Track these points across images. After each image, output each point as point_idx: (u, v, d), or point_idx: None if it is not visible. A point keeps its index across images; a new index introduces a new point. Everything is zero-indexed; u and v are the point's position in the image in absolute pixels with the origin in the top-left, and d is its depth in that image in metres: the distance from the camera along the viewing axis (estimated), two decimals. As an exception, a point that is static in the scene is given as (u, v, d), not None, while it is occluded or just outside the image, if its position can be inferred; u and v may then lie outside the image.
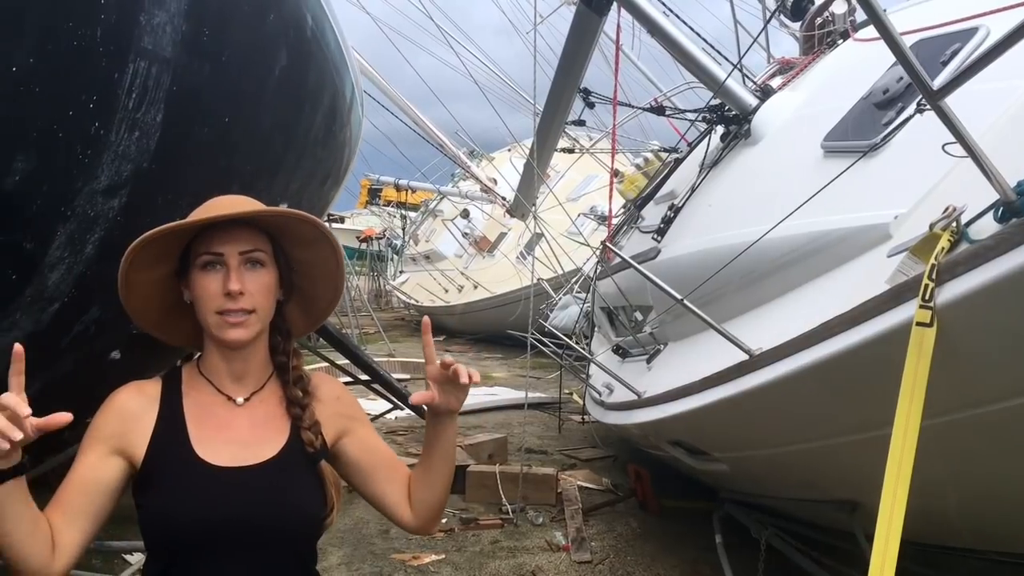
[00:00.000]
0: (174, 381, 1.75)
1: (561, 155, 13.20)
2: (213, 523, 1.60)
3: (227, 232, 1.66)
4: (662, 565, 5.40)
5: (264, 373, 1.78)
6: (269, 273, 1.71)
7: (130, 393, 1.72)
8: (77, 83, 2.68)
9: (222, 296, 1.64)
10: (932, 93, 1.83)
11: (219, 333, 1.66)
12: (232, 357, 1.72)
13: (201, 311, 1.67)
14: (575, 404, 10.50)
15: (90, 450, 1.66)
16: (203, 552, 1.61)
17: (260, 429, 1.72)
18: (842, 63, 5.24)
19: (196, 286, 1.67)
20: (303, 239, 1.76)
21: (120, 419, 1.67)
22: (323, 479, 1.75)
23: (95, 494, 1.64)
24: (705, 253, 4.40)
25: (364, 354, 7.14)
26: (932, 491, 3.06)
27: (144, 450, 1.65)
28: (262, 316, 1.69)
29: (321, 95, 5.07)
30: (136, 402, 1.69)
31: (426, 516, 1.82)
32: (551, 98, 7.42)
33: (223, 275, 1.65)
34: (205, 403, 1.72)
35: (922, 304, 2.19)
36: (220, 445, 1.67)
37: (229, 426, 1.70)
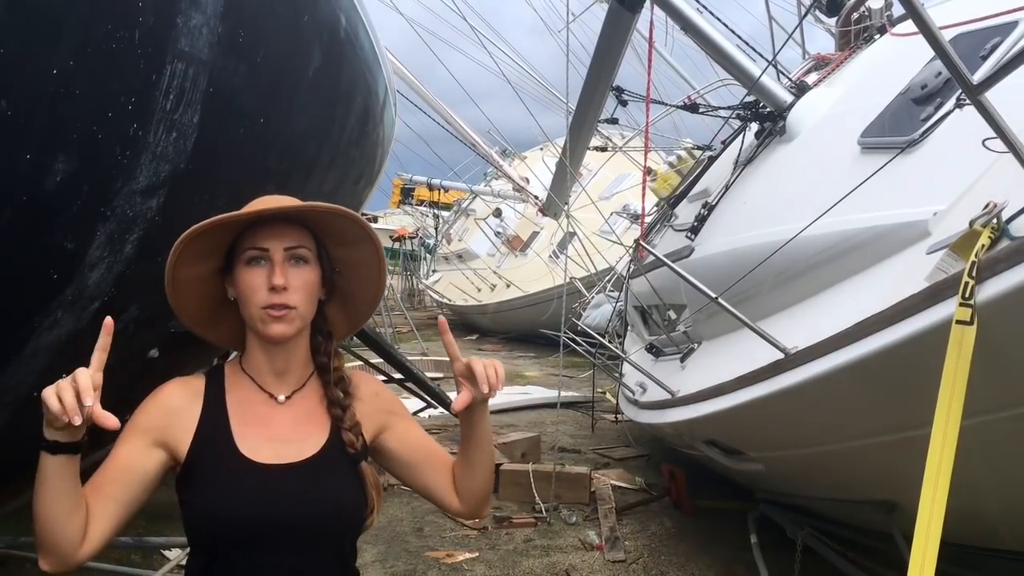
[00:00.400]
0: (217, 378, 1.77)
1: (593, 153, 13.16)
2: (255, 519, 1.61)
3: (273, 228, 1.68)
4: (696, 565, 5.36)
5: (305, 372, 1.79)
6: (313, 271, 1.71)
7: (175, 388, 1.73)
8: (116, 85, 2.72)
9: (266, 291, 1.65)
10: (972, 87, 1.80)
11: (262, 328, 1.67)
12: (274, 355, 1.73)
13: (245, 306, 1.68)
14: (608, 403, 10.47)
15: (131, 440, 1.67)
16: (245, 548, 1.62)
17: (301, 427, 1.73)
18: (879, 58, 5.17)
19: (241, 281, 1.68)
20: (347, 238, 1.76)
21: (164, 413, 1.69)
22: (363, 479, 1.74)
23: (131, 483, 1.65)
24: (739, 251, 4.37)
25: (398, 353, 7.18)
26: (972, 492, 3.02)
27: (187, 445, 1.67)
28: (304, 313, 1.70)
29: (354, 95, 5.10)
30: (181, 397, 1.71)
31: (474, 503, 1.85)
32: (584, 96, 7.40)
33: (267, 270, 1.66)
34: (247, 400, 1.73)
35: (962, 302, 2.16)
36: (262, 442, 1.68)
37: (271, 423, 1.71)
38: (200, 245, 1.69)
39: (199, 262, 1.72)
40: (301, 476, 1.67)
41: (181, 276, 1.71)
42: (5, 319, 2.96)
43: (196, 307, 1.79)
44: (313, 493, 1.66)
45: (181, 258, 1.69)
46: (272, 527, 1.62)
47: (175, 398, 1.71)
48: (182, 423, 1.68)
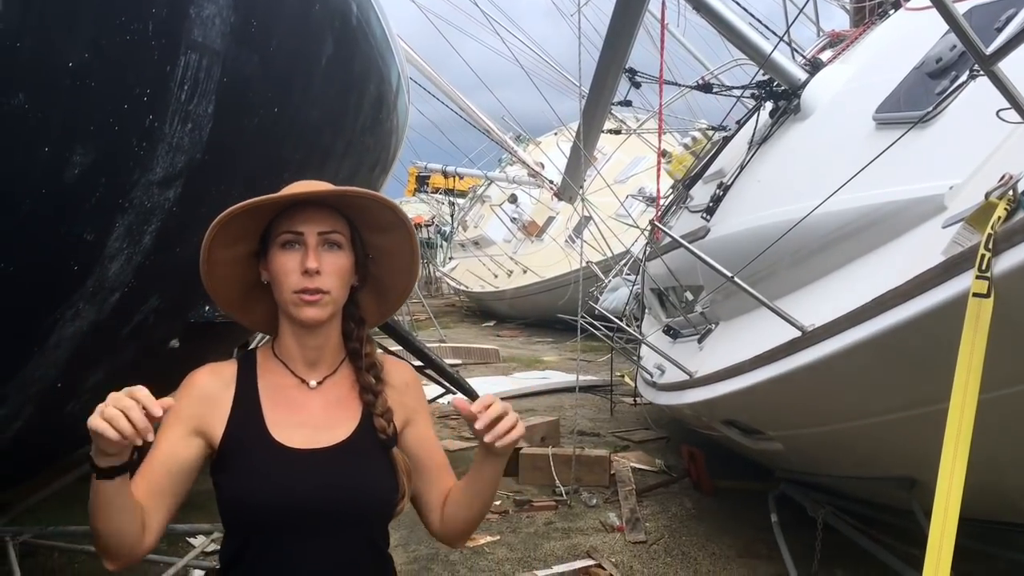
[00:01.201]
0: (249, 363, 1.77)
1: (608, 137, 13.12)
2: (288, 504, 1.62)
3: (307, 213, 1.68)
4: (717, 545, 5.38)
5: (337, 357, 1.79)
6: (346, 256, 1.72)
7: (207, 375, 1.74)
8: (131, 77, 2.74)
9: (299, 274, 1.65)
10: (985, 58, 1.79)
11: (295, 311, 1.67)
12: (306, 340, 1.74)
13: (278, 289, 1.69)
14: (627, 386, 10.48)
15: (171, 430, 1.67)
16: (278, 532, 1.63)
17: (333, 412, 1.73)
18: (894, 33, 5.13)
19: (274, 264, 1.68)
20: (381, 224, 1.77)
21: (199, 401, 1.70)
22: (395, 465, 1.74)
23: (178, 473, 1.67)
24: (755, 230, 4.36)
25: (416, 340, 7.21)
26: (992, 466, 3.01)
27: (222, 431, 1.68)
28: (336, 298, 1.70)
29: (367, 83, 5.11)
30: (213, 384, 1.72)
31: (455, 530, 1.83)
32: (597, 79, 7.38)
33: (301, 254, 1.66)
34: (279, 385, 1.74)
35: (978, 274, 2.15)
36: (294, 427, 1.69)
37: (303, 408, 1.72)
38: (235, 228, 1.69)
39: (234, 245, 1.72)
40: (332, 461, 1.68)
41: (215, 259, 1.71)
42: (28, 311, 3.00)
43: (230, 290, 1.79)
44: (344, 478, 1.67)
45: (216, 240, 1.69)
46: (304, 512, 1.63)
47: (208, 385, 1.72)
48: (216, 410, 1.69)
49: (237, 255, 1.74)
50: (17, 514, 4.73)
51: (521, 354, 15.32)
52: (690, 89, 7.27)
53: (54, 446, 4.38)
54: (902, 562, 4.25)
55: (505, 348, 15.66)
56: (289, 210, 1.69)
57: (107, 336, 3.49)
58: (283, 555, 1.64)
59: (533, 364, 13.95)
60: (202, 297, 4.02)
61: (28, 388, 3.28)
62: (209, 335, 4.24)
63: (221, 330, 4.22)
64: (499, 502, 6.25)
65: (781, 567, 4.74)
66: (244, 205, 1.65)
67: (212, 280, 1.75)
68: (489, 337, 18.50)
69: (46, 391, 3.38)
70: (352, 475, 1.68)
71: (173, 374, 2.07)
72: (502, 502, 6.26)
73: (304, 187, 1.71)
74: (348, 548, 1.69)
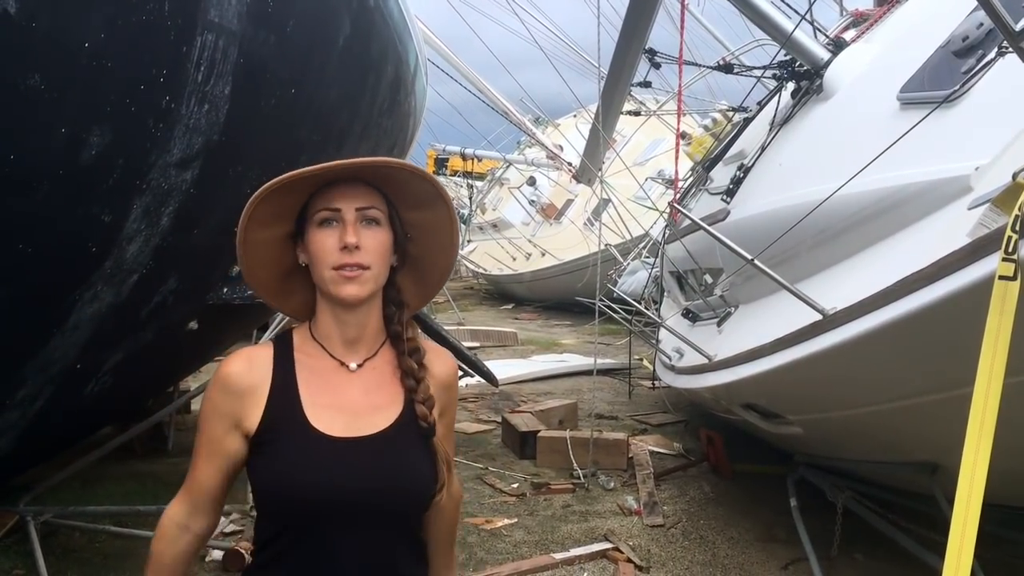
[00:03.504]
0: (285, 346, 1.72)
1: (627, 119, 13.03)
2: (325, 495, 1.59)
3: (345, 189, 1.65)
4: (736, 529, 5.36)
5: (377, 341, 1.75)
6: (385, 232, 1.67)
7: (241, 366, 1.68)
8: (147, 57, 2.73)
9: (338, 251, 1.61)
10: (1014, 34, 1.75)
11: (334, 289, 1.63)
12: (346, 321, 1.69)
13: (317, 267, 1.64)
14: (645, 369, 10.46)
15: (213, 427, 1.66)
16: (315, 522, 1.61)
17: (373, 397, 1.69)
18: (918, 12, 5.04)
19: (313, 242, 1.64)
20: (419, 199, 1.72)
21: (235, 395, 1.65)
22: (435, 454, 1.70)
23: (228, 470, 1.67)
24: (776, 212, 4.31)
25: (435, 322, 7.22)
26: (1017, 452, 2.97)
27: (259, 418, 1.64)
28: (376, 275, 1.66)
29: (385, 65, 5.08)
30: (248, 376, 1.67)
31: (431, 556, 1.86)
32: (616, 59, 7.31)
33: (340, 230, 1.62)
34: (318, 368, 1.69)
35: (1005, 257, 2.10)
36: (334, 413, 1.65)
37: (342, 393, 1.68)
38: (270, 207, 1.64)
39: (270, 226, 1.68)
40: (373, 450, 1.64)
41: (252, 239, 1.67)
42: (48, 292, 3.01)
43: (267, 274, 1.74)
44: (385, 468, 1.64)
45: (253, 219, 1.64)
46: (343, 502, 1.60)
47: (241, 376, 1.67)
48: (252, 400, 1.65)
49: (274, 236, 1.69)
50: (38, 494, 4.77)
51: (539, 337, 15.32)
52: (710, 70, 7.19)
53: (75, 426, 4.42)
54: (922, 547, 4.21)
55: (523, 331, 15.66)
56: (325, 188, 1.65)
57: (126, 317, 3.50)
58: (320, 545, 1.61)
59: (551, 347, 13.95)
60: (221, 279, 4.03)
61: (48, 369, 3.30)
62: (228, 317, 4.25)
63: (240, 312, 4.23)
64: (516, 485, 6.26)
65: (800, 551, 4.71)
66: (281, 180, 1.60)
67: (250, 262, 1.70)
68: (507, 320, 18.51)
69: (66, 372, 3.40)
70: (393, 467, 1.64)
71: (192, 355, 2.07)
72: (519, 485, 6.26)
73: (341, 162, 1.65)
74: (385, 538, 1.66)
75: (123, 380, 3.90)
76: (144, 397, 5.63)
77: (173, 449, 6.83)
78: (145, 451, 6.61)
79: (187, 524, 1.69)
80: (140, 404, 5.71)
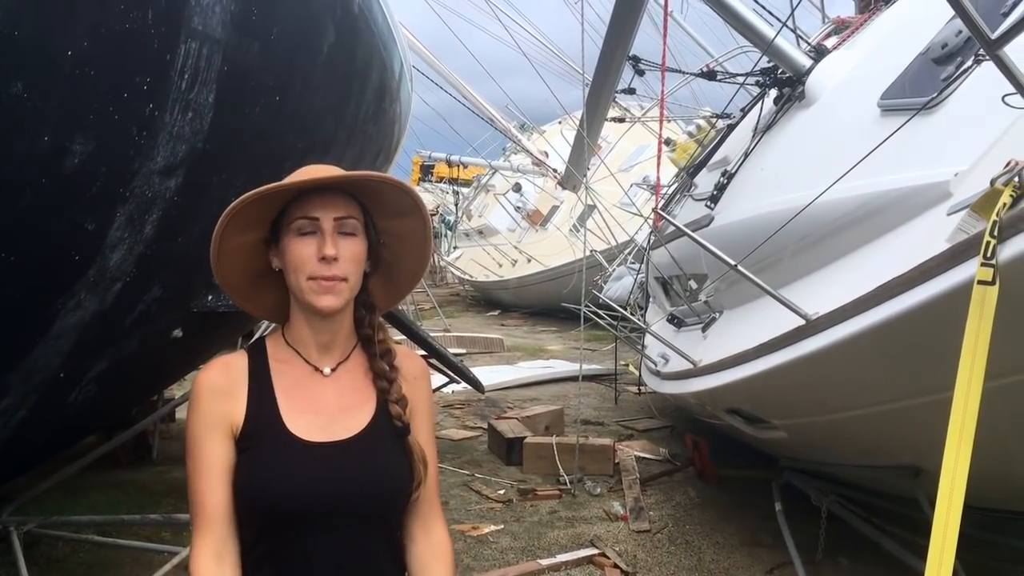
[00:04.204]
0: (260, 353, 1.73)
1: (612, 125, 13.08)
2: (306, 498, 1.61)
3: (323, 198, 1.65)
4: (721, 533, 5.38)
5: (349, 344, 1.76)
6: (361, 242, 1.69)
7: (218, 372, 1.69)
8: (130, 65, 2.72)
9: (316, 261, 1.62)
10: (991, 42, 1.77)
11: (311, 299, 1.64)
12: (320, 327, 1.70)
13: (293, 277, 1.65)
14: (631, 375, 10.48)
15: (209, 442, 1.63)
16: (293, 526, 1.62)
17: (347, 400, 1.71)
18: (899, 19, 5.09)
19: (289, 251, 1.65)
20: (396, 209, 1.74)
21: (219, 400, 1.65)
22: (411, 452, 1.72)
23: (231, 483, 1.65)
24: (759, 218, 4.34)
25: (420, 329, 7.20)
26: (999, 455, 2.99)
27: (241, 422, 1.64)
28: (352, 285, 1.67)
29: (370, 71, 5.08)
30: (227, 380, 1.67)
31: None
32: (600, 66, 7.35)
33: (318, 240, 1.63)
34: (293, 374, 1.70)
35: (984, 262, 2.13)
36: (311, 417, 1.66)
37: (318, 398, 1.69)
38: (247, 215, 1.65)
39: (244, 232, 1.68)
40: (350, 454, 1.66)
41: (226, 247, 1.67)
42: (30, 301, 2.99)
43: (239, 278, 1.75)
44: (363, 471, 1.65)
45: (228, 228, 1.65)
46: (323, 505, 1.61)
47: (220, 381, 1.67)
48: (235, 404, 1.65)
49: (247, 242, 1.70)
50: (21, 504, 4.73)
51: (525, 343, 15.33)
52: (694, 76, 7.23)
53: (58, 436, 4.39)
54: (906, 550, 4.24)
55: (509, 337, 15.67)
56: (303, 196, 1.65)
57: (110, 326, 3.49)
58: (299, 549, 1.62)
59: (537, 353, 13.96)
60: (205, 286, 4.01)
61: (31, 378, 3.28)
62: (213, 324, 4.23)
63: (225, 319, 4.21)
64: (503, 491, 6.26)
65: (785, 555, 4.74)
66: (260, 192, 1.61)
67: (222, 268, 1.70)
68: (493, 326, 18.51)
69: (49, 381, 3.38)
70: (370, 468, 1.66)
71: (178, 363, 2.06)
72: (506, 491, 6.26)
73: (319, 172, 1.66)
74: (365, 539, 1.67)
75: (107, 389, 3.88)
76: (129, 406, 5.60)
77: (158, 458, 6.81)
78: (129, 460, 6.58)
79: (220, 558, 1.61)
80: (125, 413, 5.68)
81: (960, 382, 2.12)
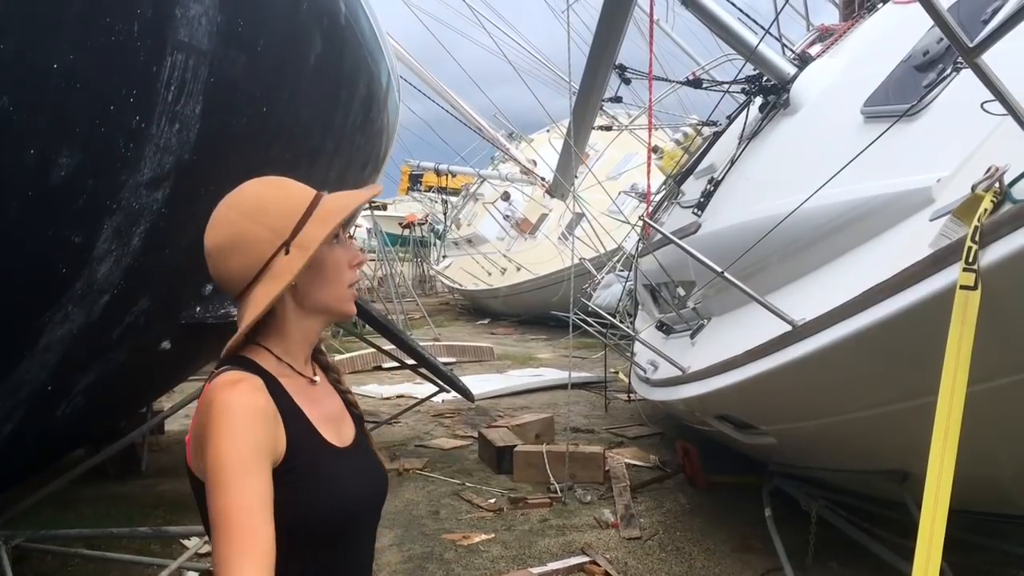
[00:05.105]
0: (264, 372, 1.62)
1: (600, 133, 13.11)
2: (357, 504, 1.62)
3: None
4: (712, 540, 5.39)
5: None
6: None
7: (260, 395, 1.55)
8: (116, 78, 2.73)
9: (350, 269, 1.63)
10: (968, 50, 1.79)
11: (345, 307, 1.64)
12: (316, 337, 1.69)
13: (331, 286, 1.62)
14: (621, 382, 10.49)
15: (260, 470, 1.47)
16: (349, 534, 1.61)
17: (336, 405, 1.73)
18: (882, 27, 5.14)
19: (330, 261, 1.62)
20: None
21: (268, 424, 1.53)
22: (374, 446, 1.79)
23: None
24: (745, 225, 4.36)
25: (409, 339, 7.19)
26: (985, 459, 3.02)
27: (285, 446, 1.55)
28: None
29: (357, 82, 5.10)
30: (268, 403, 1.55)
31: None
32: (587, 75, 7.37)
33: (345, 248, 1.63)
34: (297, 387, 1.65)
35: (965, 267, 2.16)
36: (329, 426, 1.65)
37: (321, 406, 1.68)
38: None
39: None
40: (364, 456, 1.69)
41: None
42: (17, 314, 2.98)
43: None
44: (377, 469, 1.70)
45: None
46: (365, 508, 1.64)
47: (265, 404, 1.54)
48: (278, 427, 1.55)
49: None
50: (10, 518, 4.71)
51: (515, 351, 15.32)
52: (680, 85, 7.26)
53: (47, 449, 4.37)
54: (896, 555, 4.26)
55: (499, 346, 15.66)
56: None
57: (98, 338, 3.48)
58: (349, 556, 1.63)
59: (527, 361, 13.96)
60: (194, 298, 4.01)
61: (18, 391, 3.27)
62: (201, 336, 4.22)
63: (213, 331, 4.21)
64: (493, 500, 6.26)
65: (775, 561, 4.75)
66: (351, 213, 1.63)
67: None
68: (483, 335, 18.50)
69: (37, 394, 3.37)
70: (379, 467, 1.71)
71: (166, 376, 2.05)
72: (496, 500, 6.26)
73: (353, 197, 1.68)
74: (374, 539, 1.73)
75: (96, 402, 3.87)
76: (118, 418, 5.58)
77: (147, 470, 6.78)
78: (119, 473, 6.55)
79: None
80: (114, 425, 5.65)
81: (944, 386, 2.14)
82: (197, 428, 1.52)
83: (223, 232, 1.57)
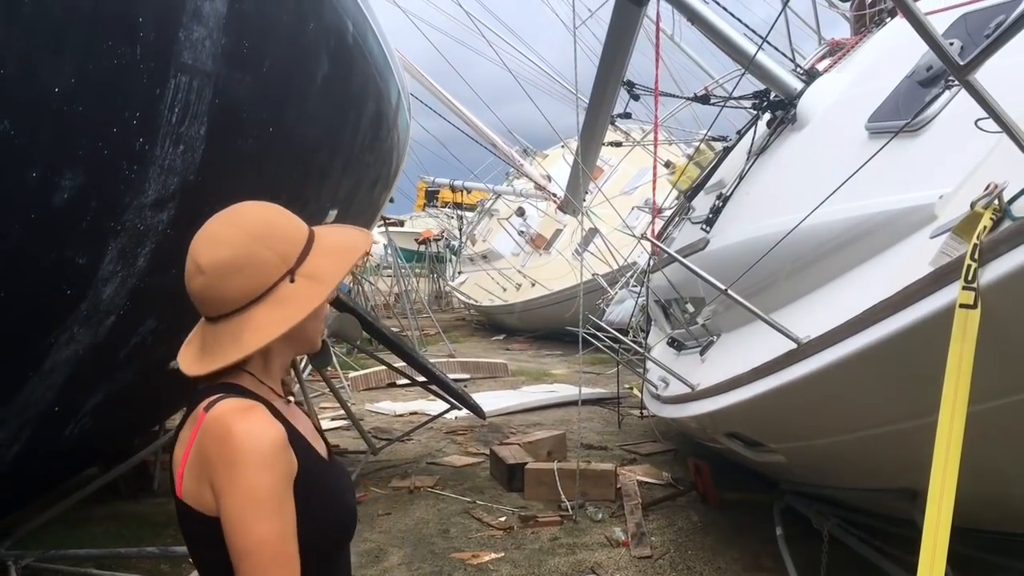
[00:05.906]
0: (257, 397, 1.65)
1: (614, 148, 13.11)
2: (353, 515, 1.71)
3: None
4: (723, 559, 5.34)
5: None
6: None
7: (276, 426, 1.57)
8: (119, 101, 2.76)
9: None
10: (960, 68, 1.79)
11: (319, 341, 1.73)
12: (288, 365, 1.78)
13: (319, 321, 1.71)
14: (635, 398, 10.45)
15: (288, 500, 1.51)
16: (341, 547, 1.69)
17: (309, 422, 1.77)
18: (889, 42, 5.12)
19: None
20: None
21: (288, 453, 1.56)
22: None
23: None
24: (752, 242, 4.34)
25: (420, 356, 7.20)
26: (992, 477, 2.98)
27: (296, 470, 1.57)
28: None
29: (366, 101, 5.12)
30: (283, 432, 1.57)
31: None
32: (595, 92, 7.39)
33: None
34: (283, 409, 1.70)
35: (965, 285, 2.14)
36: (316, 442, 1.71)
37: (303, 423, 1.74)
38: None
39: None
40: (341, 468, 1.78)
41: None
42: (23, 335, 3.01)
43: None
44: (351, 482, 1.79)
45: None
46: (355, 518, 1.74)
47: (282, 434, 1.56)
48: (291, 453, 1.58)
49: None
50: (20, 537, 4.73)
51: (530, 367, 15.29)
52: (688, 100, 7.27)
53: (56, 469, 4.40)
54: (908, 574, 4.20)
55: (514, 361, 15.64)
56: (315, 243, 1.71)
57: (104, 359, 3.50)
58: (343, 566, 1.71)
59: (542, 377, 13.92)
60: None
61: (25, 412, 3.29)
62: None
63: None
64: (504, 518, 6.24)
65: (787, 580, 4.70)
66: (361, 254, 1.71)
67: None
68: (498, 351, 18.47)
69: (44, 415, 3.40)
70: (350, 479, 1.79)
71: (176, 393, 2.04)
72: (507, 518, 6.24)
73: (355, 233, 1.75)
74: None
75: (104, 421, 3.89)
76: (129, 437, 5.60)
77: (159, 488, 6.79)
78: (130, 491, 6.56)
79: None
80: (126, 444, 5.67)
81: (945, 405, 2.12)
82: (201, 459, 1.52)
83: (227, 252, 1.57)
